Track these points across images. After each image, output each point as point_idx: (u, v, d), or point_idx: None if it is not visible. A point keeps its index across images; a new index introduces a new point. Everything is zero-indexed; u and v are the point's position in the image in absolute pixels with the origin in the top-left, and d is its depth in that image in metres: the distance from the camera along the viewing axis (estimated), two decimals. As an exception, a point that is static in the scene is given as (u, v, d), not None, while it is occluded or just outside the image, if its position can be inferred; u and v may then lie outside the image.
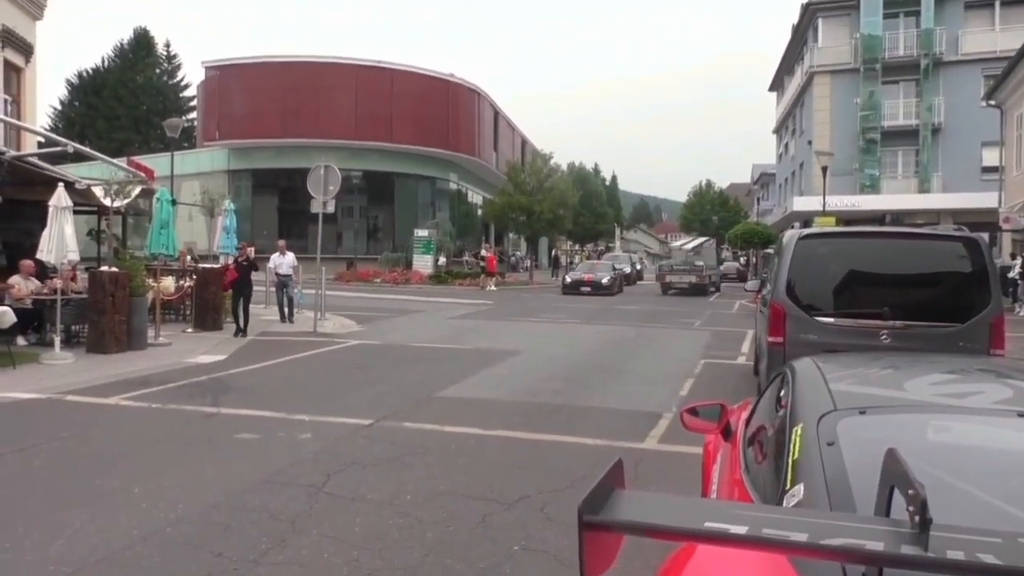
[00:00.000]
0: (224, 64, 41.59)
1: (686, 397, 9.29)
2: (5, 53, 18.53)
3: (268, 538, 4.67)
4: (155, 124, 51.94)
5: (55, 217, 11.43)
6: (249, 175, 41.18)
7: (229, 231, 16.75)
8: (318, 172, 16.03)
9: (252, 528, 4.85)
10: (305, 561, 4.35)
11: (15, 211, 13.39)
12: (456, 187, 47.54)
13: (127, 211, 16.06)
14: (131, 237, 17.58)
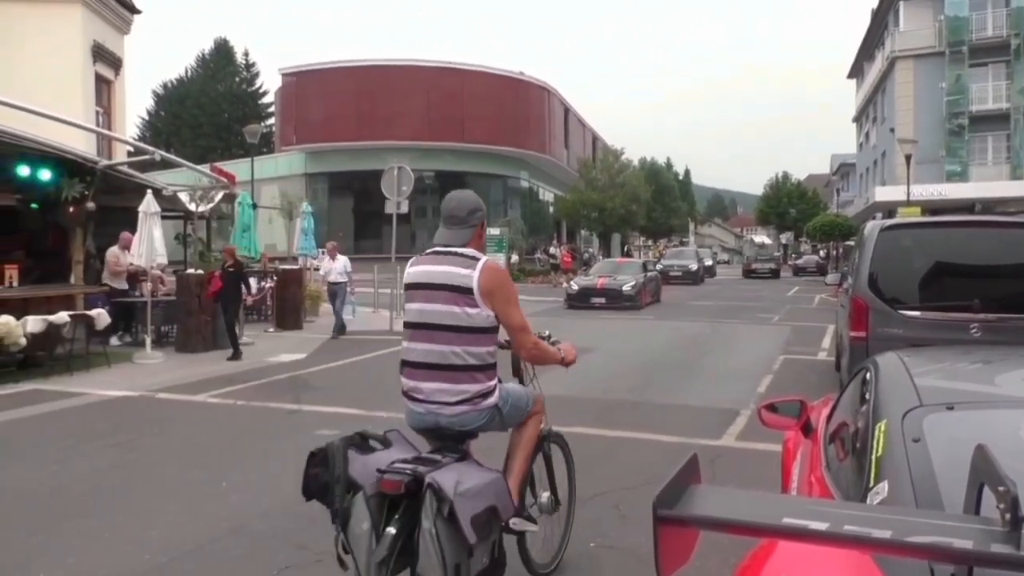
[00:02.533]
0: (300, 70, 42.69)
1: (764, 393, 9.10)
2: (96, 67, 19.44)
3: (349, 531, 4.78)
4: (236, 131, 53.65)
5: (144, 222, 11.95)
6: (325, 178, 42.16)
7: (307, 233, 17.18)
8: (391, 173, 16.30)
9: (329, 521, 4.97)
10: (385, 554, 4.44)
11: (107, 217, 14.02)
12: (527, 185, 47.65)
13: (211, 215, 16.64)
14: (215, 240, 18.19)
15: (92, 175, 13.35)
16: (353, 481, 3.01)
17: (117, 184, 14.23)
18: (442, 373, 3.27)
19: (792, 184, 74.21)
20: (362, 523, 2.96)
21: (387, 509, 2.97)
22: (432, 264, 3.40)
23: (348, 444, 3.10)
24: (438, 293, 3.29)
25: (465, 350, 3.26)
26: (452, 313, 3.25)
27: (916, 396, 2.28)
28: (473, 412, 3.33)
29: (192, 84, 62.75)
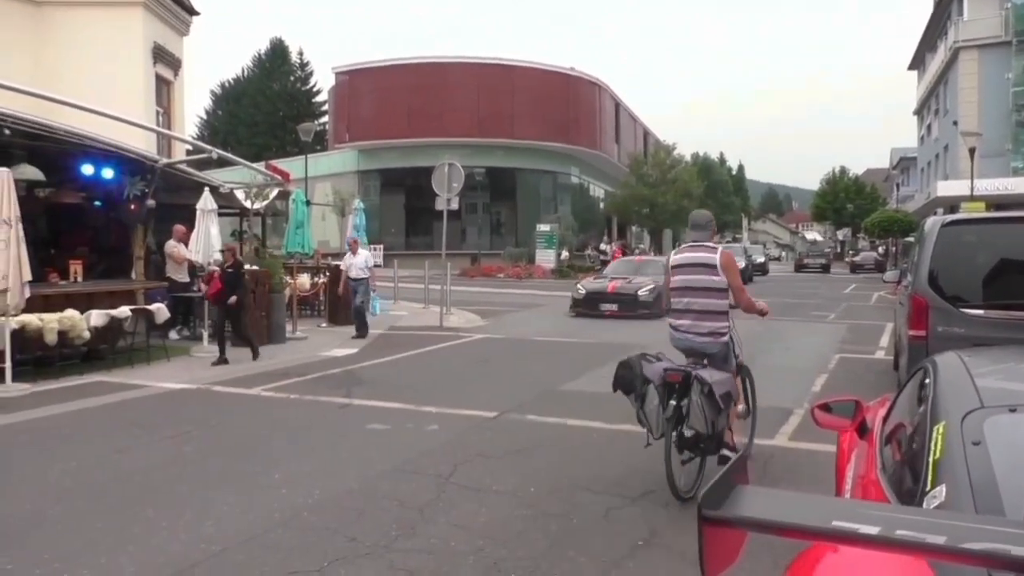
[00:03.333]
0: (352, 69, 43.22)
1: (819, 393, 8.92)
2: (157, 68, 19.97)
3: (398, 525, 4.84)
4: (290, 129, 54.60)
5: (202, 219, 12.25)
6: (377, 175, 42.62)
7: (359, 229, 17.40)
8: (442, 170, 16.40)
9: (383, 515, 5.04)
10: (433, 549, 4.48)
11: (166, 214, 14.41)
12: (578, 181, 47.50)
13: (266, 212, 16.98)
14: (270, 237, 18.56)
15: (152, 173, 13.72)
16: (646, 377, 5.32)
17: (176, 182, 14.61)
18: (697, 316, 5.60)
19: (849, 179, 72.51)
20: (653, 401, 5.27)
21: (667, 393, 5.26)
22: (691, 252, 5.71)
23: (642, 357, 5.48)
24: (696, 268, 5.60)
25: (710, 302, 5.57)
26: (705, 279, 5.57)
27: (977, 397, 2.21)
28: (712, 342, 5.60)
29: (248, 83, 64.01)
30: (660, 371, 5.29)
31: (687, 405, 5.13)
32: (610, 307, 17.66)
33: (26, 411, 8.19)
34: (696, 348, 5.60)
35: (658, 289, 17.13)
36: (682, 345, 5.71)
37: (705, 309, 5.54)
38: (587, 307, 17.96)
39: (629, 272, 19.43)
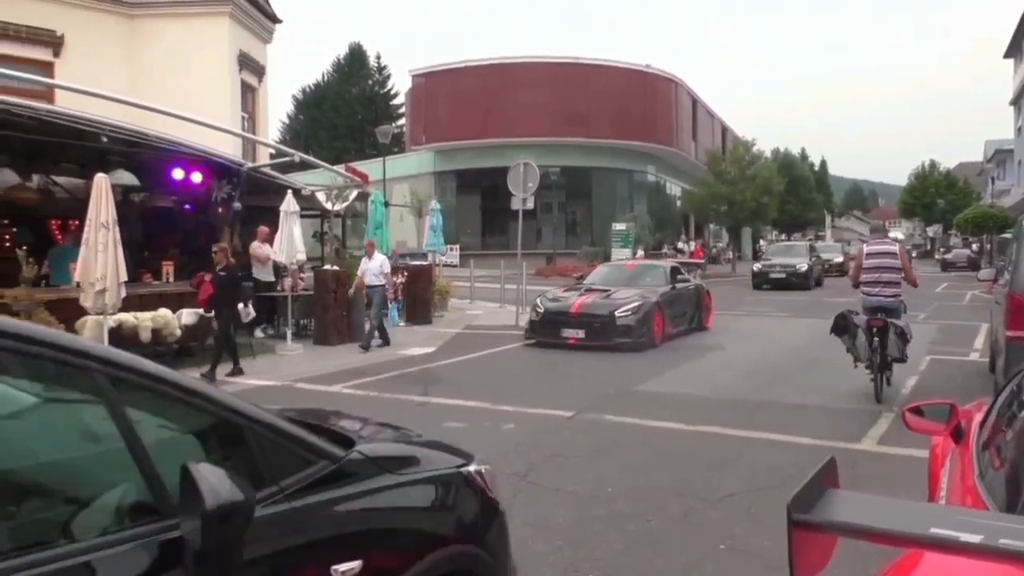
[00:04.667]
0: (429, 71, 43.77)
1: (909, 396, 8.58)
2: (242, 75, 20.63)
3: (475, 522, 4.87)
4: (368, 132, 55.63)
5: (285, 221, 12.60)
6: (453, 176, 43.05)
7: (436, 230, 17.63)
8: (517, 170, 16.45)
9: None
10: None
11: (251, 216, 14.88)
12: (654, 179, 46.97)
13: (346, 214, 17.34)
14: (350, 238, 18.96)
15: (238, 177, 14.19)
16: (855, 324, 8.38)
17: (260, 185, 15.08)
18: (884, 284, 8.56)
19: (940, 173, 69.57)
20: (861, 338, 8.30)
21: (870, 334, 8.29)
22: (879, 245, 8.88)
23: (848, 312, 8.60)
24: (884, 255, 8.67)
25: (892, 276, 8.59)
26: (889, 262, 8.61)
27: None
28: (894, 300, 8.56)
29: (328, 88, 65.51)
30: (864, 320, 8.37)
31: (888, 340, 8.30)
32: (573, 333, 12.59)
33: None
34: (884, 305, 8.52)
35: (646, 308, 12.65)
36: (873, 304, 8.56)
37: (889, 280, 8.60)
38: (546, 332, 12.90)
39: (615, 282, 14.36)
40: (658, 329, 12.83)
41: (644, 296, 13.00)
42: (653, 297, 13.05)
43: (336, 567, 2.06)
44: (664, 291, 13.69)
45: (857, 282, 8.80)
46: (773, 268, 27.96)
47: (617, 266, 17.06)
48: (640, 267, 16.04)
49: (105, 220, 9.20)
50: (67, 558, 1.63)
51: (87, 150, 12.21)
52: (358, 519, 2.25)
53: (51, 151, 12.82)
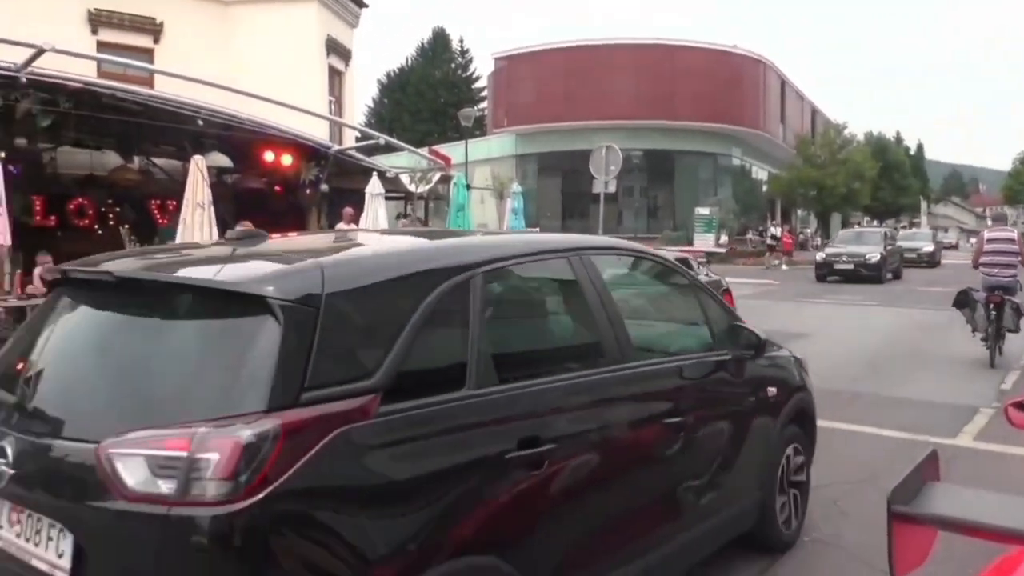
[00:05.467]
0: (511, 54, 43.77)
1: (1011, 390, 8.20)
2: (330, 59, 21.07)
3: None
4: (451, 115, 56.04)
5: (370, 203, 12.87)
6: (534, 159, 43.02)
7: (517, 213, 17.66)
8: (599, 153, 16.33)
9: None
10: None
11: (338, 198, 15.23)
12: (739, 163, 45.89)
13: (428, 196, 17.57)
14: (432, 219, 19.19)
15: (325, 159, 14.55)
16: (975, 299, 9.80)
17: (346, 167, 15.42)
18: (1002, 266, 9.71)
19: (1048, 157, 65.70)
20: (980, 311, 9.73)
21: (987, 308, 9.67)
22: (999, 232, 10.26)
23: (969, 289, 10.01)
24: (1003, 241, 9.91)
25: (1010, 259, 9.73)
26: (1007, 247, 9.79)
27: None
28: (1011, 280, 9.65)
29: (412, 72, 66.25)
30: (983, 296, 9.67)
31: (1003, 314, 9.56)
32: None
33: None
34: (1001, 284, 9.62)
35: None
36: (991, 283, 9.65)
37: (1007, 263, 9.70)
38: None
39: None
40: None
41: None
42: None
43: (769, 389, 4.07)
44: None
45: (977, 263, 9.97)
46: (839, 258, 24.66)
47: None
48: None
49: (201, 200, 9.58)
50: (679, 362, 3.64)
51: (184, 133, 12.71)
52: (771, 369, 4.23)
53: (151, 134, 13.39)
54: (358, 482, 2.15)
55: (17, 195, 10.53)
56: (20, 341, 2.74)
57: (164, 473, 1.95)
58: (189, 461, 1.94)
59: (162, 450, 1.98)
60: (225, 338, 2.26)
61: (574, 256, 3.18)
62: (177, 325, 2.40)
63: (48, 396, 2.40)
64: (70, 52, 11.30)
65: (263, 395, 2.03)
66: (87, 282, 2.63)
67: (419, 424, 2.29)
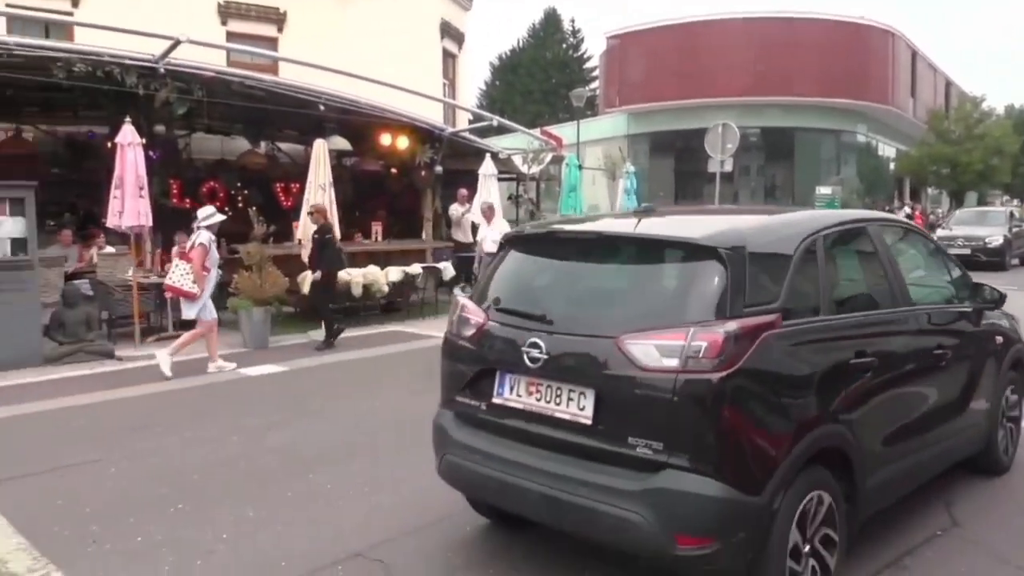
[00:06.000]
0: (624, 32, 43.05)
1: None
2: (444, 43, 21.34)
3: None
4: (562, 95, 55.78)
5: (483, 184, 12.98)
6: (646, 138, 42.31)
7: (630, 193, 17.42)
8: (716, 131, 15.90)
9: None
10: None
11: (451, 180, 15.48)
12: (864, 139, 43.64)
13: (540, 176, 17.59)
14: (543, 200, 19.20)
15: (440, 142, 14.78)
16: None
17: (460, 149, 15.62)
18: None
19: None
20: None
21: None
22: None
23: None
24: None
25: None
26: None
27: None
28: None
29: (523, 54, 66.27)
30: None
31: None
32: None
33: (342, 353, 9.36)
34: None
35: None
36: None
37: None
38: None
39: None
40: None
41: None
42: None
43: (997, 338, 5.02)
44: None
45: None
46: (954, 242, 20.80)
47: None
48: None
49: (323, 182, 9.92)
50: (939, 308, 4.66)
51: (306, 118, 13.18)
52: (998, 322, 5.11)
53: (276, 119, 13.97)
54: (775, 368, 3.21)
55: (156, 179, 11.21)
56: (501, 278, 3.94)
57: (667, 354, 3.06)
58: (686, 347, 3.04)
59: (667, 341, 3.09)
60: (688, 273, 3.36)
61: (870, 225, 4.33)
62: (649, 266, 3.57)
63: (567, 309, 3.53)
64: (204, 43, 11.91)
65: (724, 310, 3.13)
66: (548, 237, 4.16)
67: (801, 335, 3.34)
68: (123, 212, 8.89)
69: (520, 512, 3.63)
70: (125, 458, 5.44)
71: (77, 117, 13.88)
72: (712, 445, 3.03)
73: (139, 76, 10.66)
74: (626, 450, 3.12)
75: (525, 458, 3.41)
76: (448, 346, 3.91)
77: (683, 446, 3.04)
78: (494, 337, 3.64)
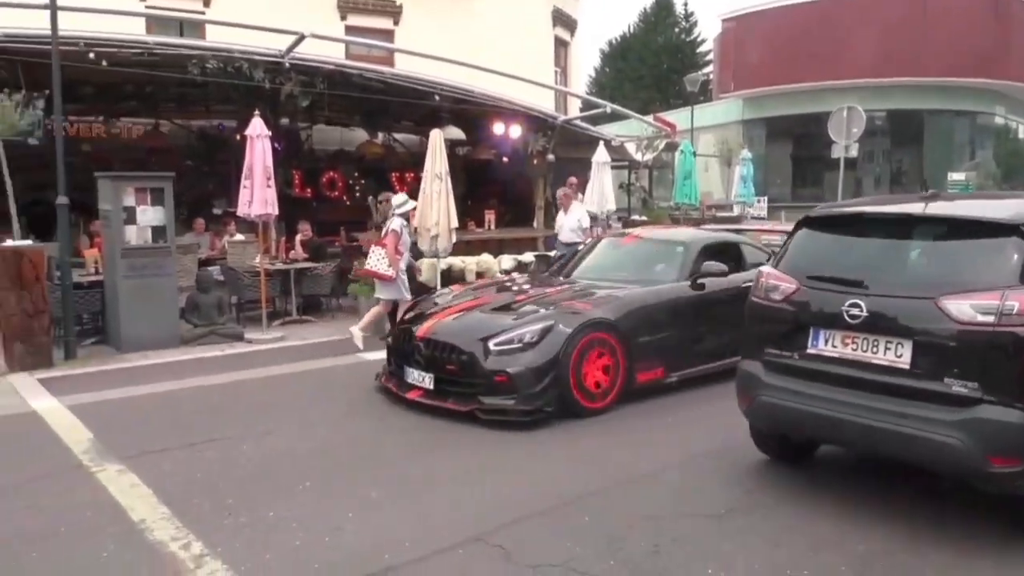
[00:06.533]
0: (740, 15, 41.72)
1: None
2: (556, 31, 21.26)
3: None
4: (673, 81, 54.80)
5: (597, 172, 12.87)
6: (762, 123, 40.92)
7: (746, 180, 16.89)
8: (840, 115, 15.17)
9: (778, 471, 4.93)
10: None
11: (562, 168, 15.40)
12: (1002, 122, 40.79)
13: (652, 164, 17.30)
14: (656, 188, 18.89)
15: (552, 130, 14.75)
16: None
17: (571, 137, 15.54)
18: None
19: None
20: None
21: None
22: None
23: None
24: None
25: None
26: None
27: None
28: None
29: (634, 39, 65.29)
30: None
31: None
32: (419, 379, 6.40)
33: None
34: None
35: (559, 336, 6.03)
36: None
37: None
38: (393, 374, 6.93)
39: (596, 271, 7.72)
40: (598, 378, 6.19)
41: (579, 310, 6.34)
42: (599, 312, 6.33)
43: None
44: (653, 296, 6.83)
45: None
46: None
47: (613, 243, 8.56)
48: (643, 244, 8.16)
49: (439, 172, 10.04)
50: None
51: (421, 108, 13.43)
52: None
53: (393, 110, 14.30)
54: None
55: (280, 170, 11.68)
56: (803, 252, 4.63)
57: (983, 312, 3.73)
58: (1000, 307, 3.68)
59: (983, 301, 3.74)
60: (992, 248, 3.96)
61: None
62: (957, 241, 4.16)
63: (884, 276, 4.17)
64: (325, 36, 12.30)
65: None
66: (855, 218, 4.69)
67: None
68: (252, 201, 9.27)
69: (834, 441, 4.60)
70: (255, 436, 5.70)
71: (208, 111, 14.64)
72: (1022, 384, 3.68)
73: (266, 71, 11.14)
74: (942, 389, 3.81)
75: (842, 396, 4.11)
76: (756, 308, 4.63)
77: (996, 385, 3.70)
78: (808, 300, 4.36)
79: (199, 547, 3.90)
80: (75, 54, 9.56)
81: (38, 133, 8.80)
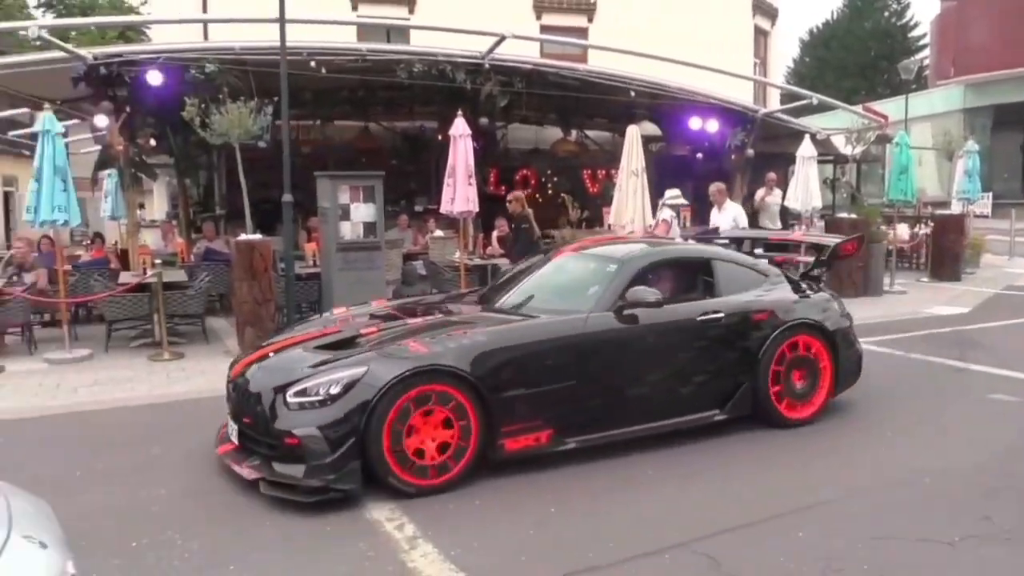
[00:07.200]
0: (964, -8, 38.10)
1: None
2: (755, 20, 20.42)
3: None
4: (881, 69, 51.08)
5: (802, 167, 12.20)
6: (988, 112, 37.11)
7: (971, 175, 15.30)
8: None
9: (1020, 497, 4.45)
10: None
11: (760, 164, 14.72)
12: None
13: (862, 158, 16.17)
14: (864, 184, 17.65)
15: (752, 124, 14.16)
16: None
17: (771, 130, 14.84)
18: None
19: None
20: None
21: None
22: None
23: None
24: None
25: None
26: None
27: None
28: None
29: (838, 26, 61.59)
30: None
31: None
32: (231, 433, 4.94)
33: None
34: None
35: (364, 392, 4.36)
36: None
37: None
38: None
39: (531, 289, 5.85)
40: (431, 446, 4.54)
41: (410, 353, 4.62)
42: (437, 356, 4.60)
43: None
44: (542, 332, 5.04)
45: None
46: None
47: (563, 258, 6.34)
48: (574, 261, 6.16)
49: (635, 168, 9.94)
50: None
51: (615, 105, 13.32)
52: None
53: (586, 107, 14.30)
54: None
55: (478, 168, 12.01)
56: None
57: None
58: None
59: None
60: None
61: None
62: None
63: None
64: (524, 36, 12.52)
65: None
66: None
67: None
68: (455, 199, 9.59)
69: None
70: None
71: (411, 113, 15.34)
72: None
73: (467, 72, 11.49)
74: None
75: None
76: None
77: None
78: None
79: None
80: (299, 62, 10.34)
81: (266, 137, 9.58)
